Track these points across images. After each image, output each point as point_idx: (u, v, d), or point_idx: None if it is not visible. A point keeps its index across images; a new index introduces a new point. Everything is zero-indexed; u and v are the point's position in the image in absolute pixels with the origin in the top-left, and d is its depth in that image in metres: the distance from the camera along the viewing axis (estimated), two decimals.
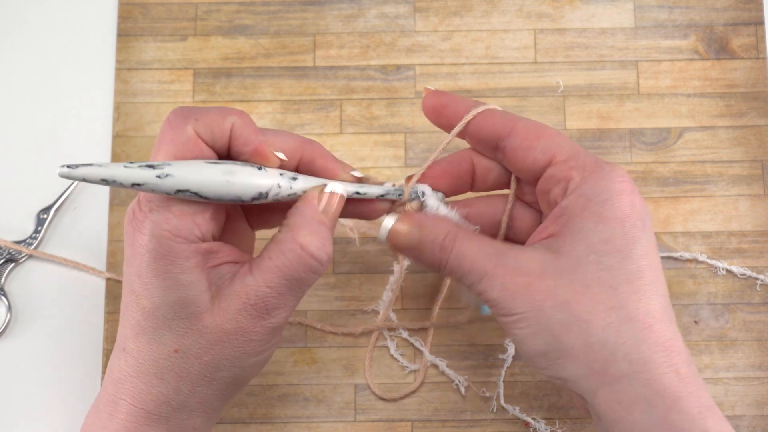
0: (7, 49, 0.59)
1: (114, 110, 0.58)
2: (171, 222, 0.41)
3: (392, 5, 0.60)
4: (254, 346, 0.43)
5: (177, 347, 0.42)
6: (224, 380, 0.43)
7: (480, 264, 0.44)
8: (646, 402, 0.40)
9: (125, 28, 0.59)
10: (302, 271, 0.42)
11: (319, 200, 0.44)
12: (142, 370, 0.42)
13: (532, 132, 0.45)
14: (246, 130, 0.42)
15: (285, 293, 0.43)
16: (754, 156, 0.57)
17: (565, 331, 0.41)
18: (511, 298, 0.43)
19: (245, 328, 0.42)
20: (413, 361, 0.55)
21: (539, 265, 0.43)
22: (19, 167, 0.57)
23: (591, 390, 0.42)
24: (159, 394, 0.42)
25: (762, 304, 0.55)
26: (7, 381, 0.54)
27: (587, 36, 0.59)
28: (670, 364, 0.41)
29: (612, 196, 0.43)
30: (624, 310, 0.41)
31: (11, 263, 0.56)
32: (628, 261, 0.42)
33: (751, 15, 0.59)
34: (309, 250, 0.42)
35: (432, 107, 0.48)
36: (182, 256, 0.41)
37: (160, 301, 0.42)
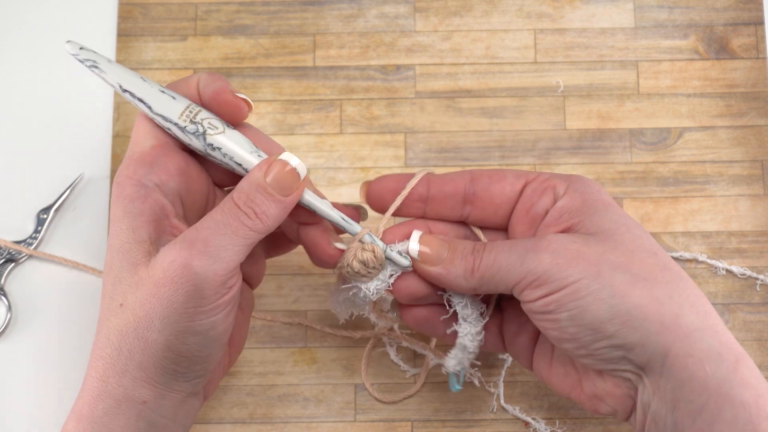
0: (7, 49, 0.59)
1: (114, 110, 0.58)
2: (129, 167, 0.43)
3: (392, 5, 0.60)
4: (181, 302, 0.41)
5: (122, 301, 0.42)
6: (157, 344, 0.41)
7: (519, 246, 0.43)
8: (716, 354, 0.40)
9: (125, 28, 0.59)
10: (232, 219, 0.42)
11: (266, 168, 0.43)
12: (99, 331, 0.42)
13: (493, 171, 0.47)
14: (209, 79, 0.45)
15: (214, 235, 0.41)
16: (754, 156, 0.57)
17: (630, 288, 0.41)
18: (565, 264, 0.41)
19: (172, 278, 0.40)
20: (413, 363, 0.55)
21: (581, 239, 0.42)
22: (19, 167, 0.57)
23: (662, 348, 0.41)
24: (105, 356, 0.42)
25: (762, 304, 0.55)
26: (7, 381, 0.54)
27: (587, 36, 0.59)
28: (721, 323, 0.42)
29: (601, 193, 0.44)
30: (673, 271, 0.42)
31: (11, 263, 0.56)
32: (647, 235, 0.43)
33: (751, 15, 0.59)
34: (237, 202, 0.42)
35: (374, 193, 0.47)
36: (129, 198, 0.42)
37: (112, 249, 0.42)
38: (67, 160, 0.57)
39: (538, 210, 0.45)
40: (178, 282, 0.40)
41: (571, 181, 0.45)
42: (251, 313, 0.49)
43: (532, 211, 0.45)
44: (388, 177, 0.47)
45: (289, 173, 0.43)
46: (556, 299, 0.42)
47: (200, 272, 0.41)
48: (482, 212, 0.47)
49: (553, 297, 0.42)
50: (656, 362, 0.41)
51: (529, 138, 0.58)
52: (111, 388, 0.42)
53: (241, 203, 0.42)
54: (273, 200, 0.42)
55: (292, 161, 0.43)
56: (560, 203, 0.44)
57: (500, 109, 0.58)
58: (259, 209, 0.42)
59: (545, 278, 0.42)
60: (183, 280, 0.40)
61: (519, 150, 0.57)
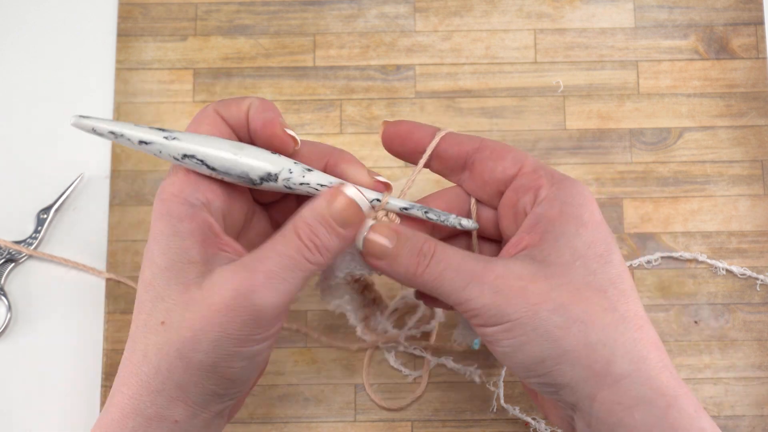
0: (7, 49, 0.59)
1: (114, 110, 0.58)
2: (175, 184, 0.42)
3: (392, 5, 0.60)
4: (236, 329, 0.40)
5: (164, 319, 0.41)
6: (202, 366, 0.41)
7: (467, 268, 0.42)
8: (646, 401, 0.40)
9: (125, 28, 0.59)
10: (294, 251, 0.41)
11: (330, 199, 0.42)
12: (135, 349, 0.41)
13: (499, 146, 0.46)
14: (261, 107, 0.43)
15: (276, 267, 0.41)
16: (754, 156, 0.57)
17: (564, 334, 0.41)
18: (505, 302, 0.41)
19: (230, 305, 0.40)
20: (414, 366, 0.55)
21: (529, 272, 0.42)
22: (19, 167, 0.57)
23: (590, 393, 0.41)
24: (141, 374, 0.41)
25: (762, 304, 0.55)
26: (7, 381, 0.54)
27: (587, 36, 0.59)
28: (664, 364, 0.41)
29: (585, 202, 0.43)
30: (617, 311, 0.41)
31: (11, 263, 0.56)
32: (610, 266, 0.42)
33: (751, 15, 0.59)
34: (299, 233, 0.41)
35: (395, 137, 0.47)
36: (177, 217, 0.41)
37: (156, 267, 0.41)
38: (67, 160, 0.57)
39: (519, 208, 0.44)
40: (236, 310, 0.40)
41: (558, 187, 0.44)
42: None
43: (516, 206, 0.45)
44: (404, 124, 0.47)
45: (353, 207, 0.42)
46: (492, 332, 0.42)
47: (260, 303, 0.40)
48: (474, 183, 0.46)
49: (489, 329, 0.42)
50: (585, 404, 0.42)
51: (529, 138, 0.58)
52: (144, 407, 0.41)
53: (303, 235, 0.41)
54: (335, 234, 0.42)
55: (354, 195, 0.43)
56: (539, 209, 0.43)
57: (500, 109, 0.58)
58: (320, 242, 0.42)
59: (484, 311, 0.41)
60: (242, 309, 0.40)
61: None
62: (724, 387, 0.54)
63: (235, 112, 0.44)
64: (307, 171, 0.43)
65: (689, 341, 0.55)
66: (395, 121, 0.47)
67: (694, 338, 0.55)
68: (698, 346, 0.55)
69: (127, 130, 0.42)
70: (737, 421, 0.53)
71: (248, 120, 0.44)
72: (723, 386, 0.54)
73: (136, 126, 0.42)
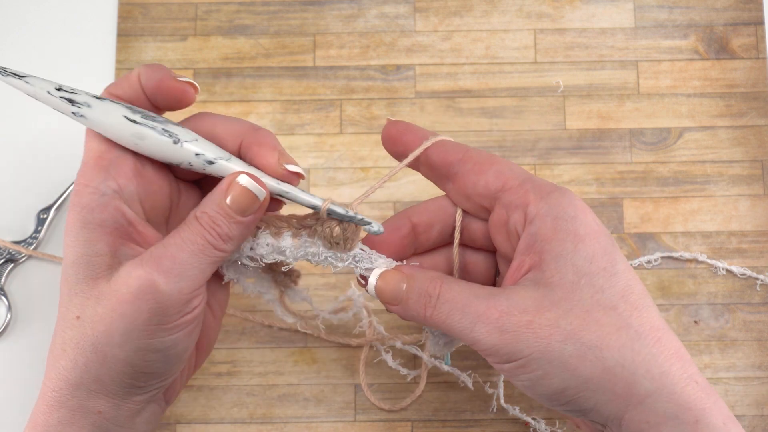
0: (7, 49, 0.59)
1: None
2: (86, 174, 0.42)
3: (392, 5, 0.60)
4: (144, 319, 0.40)
5: (78, 314, 0.41)
6: (117, 360, 0.41)
7: (472, 307, 0.41)
8: (674, 417, 0.40)
9: (125, 28, 0.59)
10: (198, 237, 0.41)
11: (226, 189, 0.42)
12: (54, 342, 0.42)
13: (484, 158, 0.44)
14: (149, 70, 0.43)
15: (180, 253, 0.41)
16: (754, 156, 0.57)
17: (580, 362, 0.40)
18: (514, 340, 0.40)
19: (136, 296, 0.40)
20: (413, 365, 0.55)
21: (534, 301, 0.41)
22: (19, 167, 0.57)
23: (616, 416, 0.40)
24: (60, 368, 0.41)
25: (762, 304, 0.55)
26: (7, 381, 0.54)
27: (587, 36, 0.59)
28: (689, 375, 0.40)
29: (578, 212, 0.42)
30: (631, 329, 0.40)
31: (11, 263, 0.56)
32: (617, 278, 0.41)
33: (751, 15, 0.59)
34: (201, 221, 0.41)
35: (388, 136, 0.46)
36: (87, 208, 0.41)
37: (68, 260, 0.41)
38: (67, 160, 0.57)
39: (511, 227, 0.43)
40: (142, 299, 0.40)
41: (547, 201, 0.42)
42: (223, 316, 0.48)
43: (507, 225, 0.44)
44: (400, 125, 0.46)
45: (248, 196, 0.42)
46: (508, 369, 0.41)
47: (165, 290, 0.40)
48: (458, 195, 0.45)
49: (505, 366, 0.41)
50: (613, 425, 0.41)
51: (529, 138, 0.58)
52: (65, 399, 0.42)
53: (204, 223, 0.41)
54: (235, 222, 0.42)
55: (247, 183, 0.42)
56: (532, 228, 0.42)
57: (500, 109, 0.58)
58: (222, 231, 0.42)
59: (495, 351, 0.41)
60: (147, 297, 0.40)
61: (519, 150, 0.57)
62: (724, 387, 0.54)
63: (127, 87, 0.43)
64: (208, 164, 0.42)
65: (689, 341, 0.55)
66: (395, 121, 0.47)
67: (694, 338, 0.55)
68: (698, 346, 0.55)
69: (42, 95, 0.43)
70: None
71: (143, 88, 0.43)
72: (723, 386, 0.54)
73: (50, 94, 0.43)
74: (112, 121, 0.42)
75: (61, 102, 0.42)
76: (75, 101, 0.42)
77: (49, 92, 0.42)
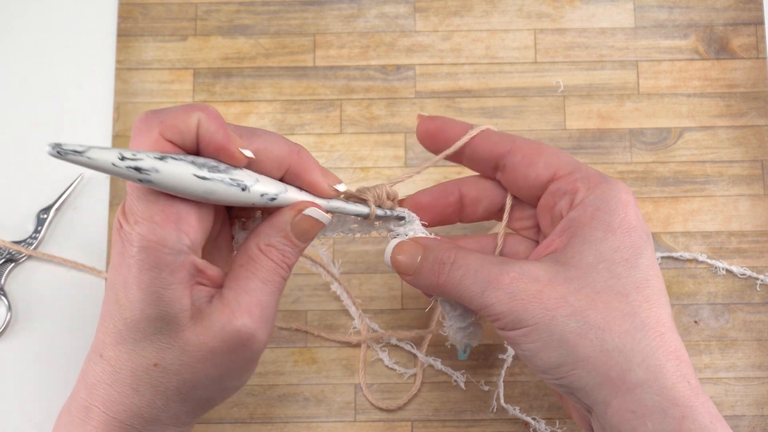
0: (7, 49, 0.59)
1: (114, 110, 0.58)
2: (157, 232, 0.40)
3: (392, 5, 0.60)
4: (236, 367, 0.43)
5: (156, 361, 0.41)
6: (199, 399, 0.43)
7: (484, 272, 0.42)
8: (660, 411, 0.40)
9: (125, 28, 0.59)
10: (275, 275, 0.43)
11: (291, 219, 0.43)
12: (118, 379, 0.42)
13: (532, 149, 0.46)
14: (211, 126, 0.40)
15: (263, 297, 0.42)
16: (754, 156, 0.57)
17: (580, 340, 0.41)
18: (521, 308, 0.41)
19: (229, 347, 0.41)
20: (410, 364, 0.55)
21: (547, 274, 0.42)
22: (19, 167, 0.57)
23: (604, 400, 0.41)
24: (132, 405, 0.42)
25: (762, 304, 0.55)
26: (7, 381, 0.54)
27: (587, 36, 0.59)
28: (682, 374, 0.41)
29: (619, 206, 0.43)
30: (638, 317, 0.41)
31: (11, 263, 0.56)
32: (636, 270, 0.42)
33: (751, 15, 0.59)
34: (271, 256, 0.42)
35: (427, 132, 0.47)
36: (168, 269, 0.40)
37: (142, 314, 0.40)
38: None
39: (556, 212, 0.45)
40: (240, 350, 0.42)
41: (594, 191, 0.44)
42: None
43: (553, 210, 0.45)
44: (438, 120, 0.47)
45: (314, 225, 0.43)
46: (511, 336, 0.42)
47: (262, 338, 0.42)
48: (510, 184, 0.47)
49: (509, 333, 0.43)
50: (599, 409, 0.42)
51: (529, 138, 0.58)
52: (136, 429, 0.43)
53: (275, 258, 0.43)
54: (297, 249, 0.43)
55: (319, 216, 0.43)
56: (573, 214, 0.44)
57: (500, 109, 0.58)
58: (291, 262, 0.43)
59: (502, 316, 0.42)
60: (245, 348, 0.42)
61: None
62: (724, 387, 0.54)
63: (185, 131, 0.40)
64: (271, 201, 0.42)
65: (689, 341, 0.55)
66: (430, 117, 0.48)
67: (694, 338, 0.55)
68: (698, 346, 0.55)
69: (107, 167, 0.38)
70: (737, 421, 0.53)
71: (198, 138, 0.41)
72: (723, 386, 0.54)
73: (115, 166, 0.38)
74: (182, 183, 0.40)
75: (127, 171, 0.38)
76: (141, 168, 0.39)
77: (114, 164, 0.38)
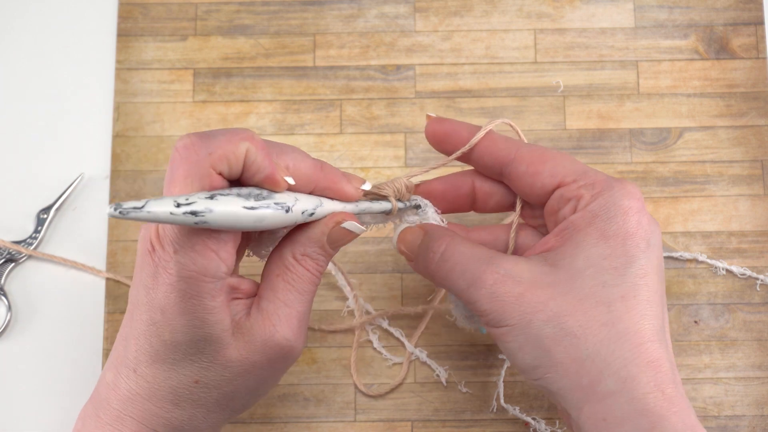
0: (7, 49, 0.59)
1: (114, 110, 0.58)
2: (198, 262, 0.40)
3: (392, 5, 0.60)
4: (277, 377, 0.45)
5: (198, 378, 0.42)
6: (237, 407, 0.45)
7: (470, 268, 0.43)
8: (630, 421, 0.40)
9: (125, 28, 0.59)
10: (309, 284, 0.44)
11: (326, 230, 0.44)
12: (156, 395, 0.43)
13: (536, 156, 0.46)
14: (258, 156, 0.41)
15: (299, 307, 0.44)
16: (754, 156, 0.57)
17: (554, 345, 0.41)
18: (501, 308, 0.42)
19: (271, 359, 0.43)
20: (400, 355, 0.55)
21: (532, 276, 0.43)
22: (19, 167, 0.57)
23: (577, 405, 0.42)
24: (172, 418, 0.43)
25: (762, 304, 0.55)
26: (7, 381, 0.54)
27: (587, 36, 0.59)
28: (657, 384, 0.41)
29: (618, 213, 0.43)
30: (616, 327, 0.41)
31: (11, 263, 0.56)
32: (624, 279, 0.42)
33: (751, 15, 0.59)
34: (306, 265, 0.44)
35: (434, 135, 0.48)
36: (209, 296, 0.41)
37: (184, 338, 0.41)
38: (67, 160, 0.57)
39: (560, 216, 0.45)
40: (281, 363, 0.43)
41: (597, 198, 0.44)
42: None
43: (557, 215, 0.45)
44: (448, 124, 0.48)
45: (348, 235, 0.44)
46: (493, 332, 0.44)
47: (299, 349, 0.44)
48: (517, 190, 0.47)
49: (491, 329, 0.44)
50: (573, 413, 0.42)
51: (529, 138, 0.58)
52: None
53: (311, 268, 0.44)
54: (329, 257, 0.44)
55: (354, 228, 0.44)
56: (573, 217, 0.44)
57: (500, 109, 0.58)
58: (323, 269, 0.44)
59: (485, 314, 0.43)
60: (286, 360, 0.44)
61: None
62: (724, 387, 0.54)
63: (233, 163, 0.40)
64: (310, 216, 0.43)
65: (689, 341, 0.55)
66: (439, 119, 0.48)
67: (694, 338, 0.55)
68: (698, 346, 0.55)
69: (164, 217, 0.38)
70: (737, 421, 0.53)
71: (245, 168, 0.41)
72: (723, 386, 0.54)
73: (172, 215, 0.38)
74: (235, 218, 0.40)
75: (183, 217, 0.38)
76: (197, 212, 0.38)
77: (171, 212, 0.38)
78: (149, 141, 0.58)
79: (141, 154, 0.57)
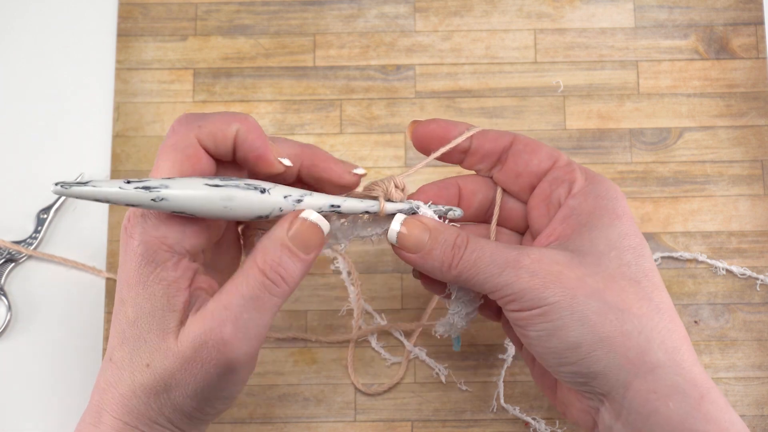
0: (7, 49, 0.59)
1: (114, 110, 0.58)
2: (160, 229, 0.41)
3: (392, 5, 0.60)
4: (215, 380, 0.41)
5: (149, 362, 0.41)
6: (190, 407, 0.42)
7: (501, 255, 0.42)
8: (680, 391, 0.40)
9: (125, 28, 0.59)
10: (260, 292, 0.41)
11: (289, 226, 0.42)
12: (122, 381, 0.42)
13: (532, 141, 0.47)
14: (250, 135, 0.41)
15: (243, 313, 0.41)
16: (754, 156, 0.57)
17: (601, 320, 0.41)
18: (542, 286, 0.41)
19: (204, 359, 0.41)
20: (399, 355, 0.55)
21: (564, 258, 0.42)
22: (19, 167, 0.57)
23: (624, 382, 0.41)
24: (133, 407, 0.42)
25: (762, 304, 0.55)
26: (7, 381, 0.54)
27: (587, 36, 0.59)
28: (695, 359, 0.42)
29: (618, 196, 0.44)
30: (652, 301, 0.42)
31: (11, 263, 0.56)
32: (643, 259, 0.43)
33: (751, 15, 0.59)
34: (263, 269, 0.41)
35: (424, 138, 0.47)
36: (166, 266, 0.41)
37: (140, 310, 0.41)
38: (67, 160, 0.57)
39: (553, 199, 0.45)
40: (210, 362, 0.41)
41: (591, 181, 0.45)
42: None
43: (549, 198, 0.45)
44: (435, 122, 0.47)
45: (313, 230, 0.42)
46: (527, 316, 0.42)
47: (233, 355, 0.41)
48: (506, 176, 0.47)
49: (524, 314, 0.42)
50: (617, 393, 0.42)
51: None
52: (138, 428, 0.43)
53: (267, 270, 0.41)
54: (298, 260, 0.41)
55: (315, 218, 0.42)
56: (573, 201, 0.44)
57: (500, 109, 0.58)
58: (285, 272, 0.41)
59: (520, 295, 0.42)
60: (216, 361, 0.41)
61: None
62: (724, 387, 0.54)
63: (220, 139, 0.41)
64: (297, 202, 0.42)
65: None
66: (426, 121, 0.47)
67: (694, 338, 0.55)
68: (698, 346, 0.55)
69: (113, 194, 0.39)
70: None
71: (236, 147, 0.41)
72: (723, 386, 0.54)
73: (122, 189, 0.39)
74: (196, 194, 0.40)
75: (137, 193, 0.38)
76: (150, 187, 0.39)
77: (121, 188, 0.38)
78: (149, 141, 0.58)
79: (141, 154, 0.57)
